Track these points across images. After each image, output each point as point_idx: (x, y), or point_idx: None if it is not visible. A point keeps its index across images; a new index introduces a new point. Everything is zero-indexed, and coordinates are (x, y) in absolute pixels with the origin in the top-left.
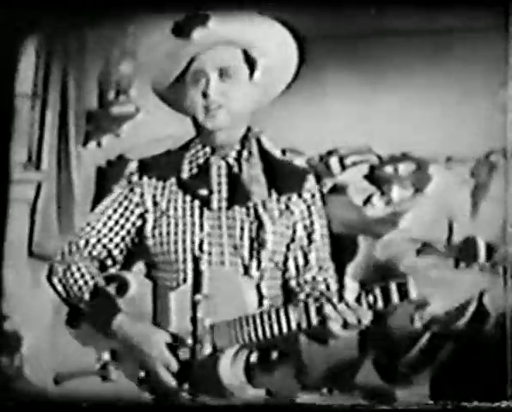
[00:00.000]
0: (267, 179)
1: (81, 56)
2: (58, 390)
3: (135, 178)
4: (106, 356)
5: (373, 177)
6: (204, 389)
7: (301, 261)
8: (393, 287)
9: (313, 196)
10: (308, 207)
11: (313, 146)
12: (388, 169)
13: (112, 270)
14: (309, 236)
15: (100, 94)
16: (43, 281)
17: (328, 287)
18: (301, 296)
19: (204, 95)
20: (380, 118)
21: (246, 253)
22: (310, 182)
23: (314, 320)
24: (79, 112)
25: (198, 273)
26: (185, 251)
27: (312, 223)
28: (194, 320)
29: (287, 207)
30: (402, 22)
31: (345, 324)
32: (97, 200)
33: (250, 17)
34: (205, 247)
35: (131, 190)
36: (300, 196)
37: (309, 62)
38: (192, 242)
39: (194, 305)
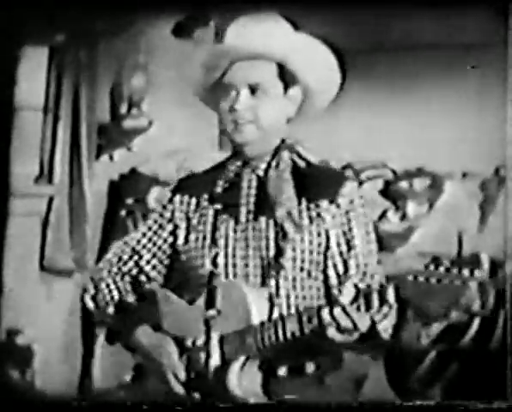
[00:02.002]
0: (297, 187)
1: (93, 69)
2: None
3: (169, 195)
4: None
5: (388, 192)
6: (213, 399)
7: (341, 268)
8: (375, 294)
9: (351, 201)
10: (347, 212)
11: (328, 160)
12: (403, 184)
13: (146, 287)
14: (349, 242)
15: (112, 108)
16: (55, 294)
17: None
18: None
19: (233, 110)
20: (395, 133)
21: (271, 264)
22: (348, 187)
23: (307, 329)
24: (91, 125)
25: (210, 288)
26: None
27: (350, 229)
28: (207, 332)
29: (318, 214)
30: (418, 37)
31: (340, 329)
32: (109, 214)
33: (288, 31)
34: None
35: (164, 207)
36: (332, 202)
37: None
38: (217, 256)
39: (207, 319)
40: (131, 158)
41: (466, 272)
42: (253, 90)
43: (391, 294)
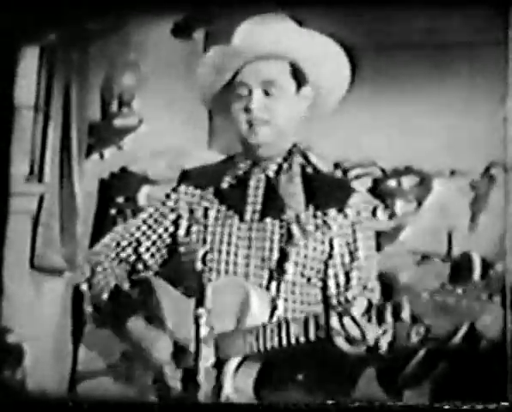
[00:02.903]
0: (306, 193)
1: (83, 68)
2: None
3: (173, 185)
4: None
5: (376, 190)
6: (207, 397)
7: (341, 279)
8: (388, 307)
9: (358, 213)
10: (353, 223)
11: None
12: (392, 182)
13: (141, 275)
14: (351, 254)
15: (103, 106)
16: (46, 293)
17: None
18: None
19: (247, 110)
20: (383, 132)
21: (273, 265)
22: (356, 198)
23: (312, 335)
24: (81, 124)
25: (201, 286)
26: (212, 261)
27: (355, 240)
28: (197, 330)
29: (324, 222)
30: (405, 36)
31: (349, 339)
32: (99, 212)
33: (299, 30)
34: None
35: (168, 196)
36: (340, 211)
37: None
38: (219, 252)
39: (197, 317)
40: (122, 156)
41: (484, 296)
42: (267, 89)
43: (406, 310)
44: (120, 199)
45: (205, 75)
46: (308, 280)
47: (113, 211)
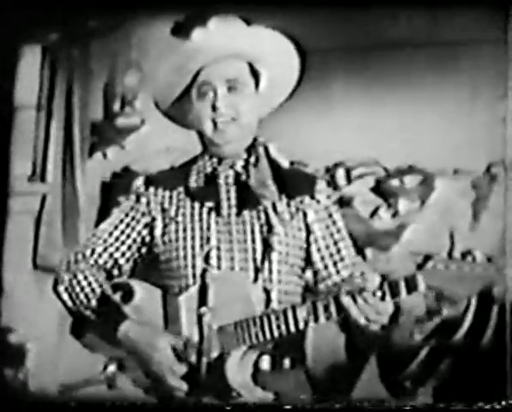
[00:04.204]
0: (276, 185)
1: (85, 67)
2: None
3: (141, 189)
4: (113, 367)
5: (379, 189)
6: (211, 391)
7: (330, 261)
8: (402, 282)
9: (328, 197)
10: (326, 207)
11: (319, 158)
12: (395, 182)
13: (119, 280)
14: (334, 235)
15: (106, 106)
16: (48, 293)
17: (366, 281)
18: (308, 302)
19: (214, 108)
20: (386, 131)
21: (258, 256)
22: (321, 185)
23: (322, 317)
24: (84, 123)
25: (204, 284)
26: (194, 256)
27: (334, 222)
28: (200, 325)
29: (297, 209)
30: (409, 35)
31: (367, 319)
32: (102, 212)
33: (254, 30)
34: (213, 258)
35: (137, 200)
36: (313, 197)
37: (317, 74)
38: (201, 247)
39: (200, 314)
40: (124, 156)
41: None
42: (231, 87)
43: (421, 282)
44: (123, 198)
45: (164, 77)
46: (292, 267)
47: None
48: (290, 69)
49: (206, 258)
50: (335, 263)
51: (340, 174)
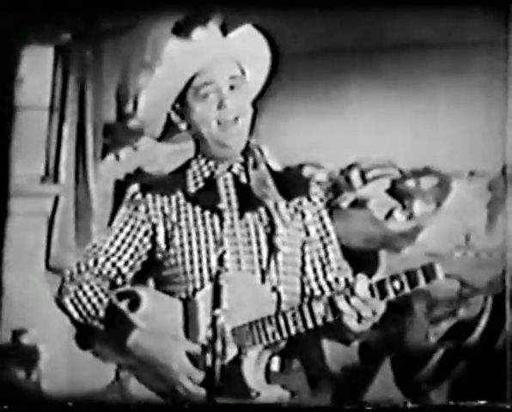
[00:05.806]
0: (276, 185)
1: (98, 69)
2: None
3: (138, 196)
4: (125, 374)
5: (394, 191)
6: (228, 393)
7: (319, 264)
8: (419, 271)
9: (321, 200)
10: (318, 211)
11: (334, 160)
12: (410, 183)
13: (122, 288)
14: (324, 238)
15: (118, 107)
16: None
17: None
18: (324, 298)
19: (220, 106)
20: (401, 133)
21: (264, 256)
22: (314, 187)
23: (330, 317)
24: (97, 125)
25: (217, 287)
26: (200, 260)
27: (324, 226)
28: (214, 328)
29: (296, 210)
30: (422, 37)
31: (360, 318)
32: (115, 214)
33: (241, 31)
34: (227, 260)
35: (136, 208)
36: (309, 199)
37: (332, 76)
38: (208, 251)
39: (214, 317)
40: (137, 157)
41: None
42: (233, 85)
43: (439, 270)
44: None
45: (165, 79)
46: (293, 268)
47: None
48: (262, 67)
49: (220, 261)
50: (323, 267)
51: (355, 176)
